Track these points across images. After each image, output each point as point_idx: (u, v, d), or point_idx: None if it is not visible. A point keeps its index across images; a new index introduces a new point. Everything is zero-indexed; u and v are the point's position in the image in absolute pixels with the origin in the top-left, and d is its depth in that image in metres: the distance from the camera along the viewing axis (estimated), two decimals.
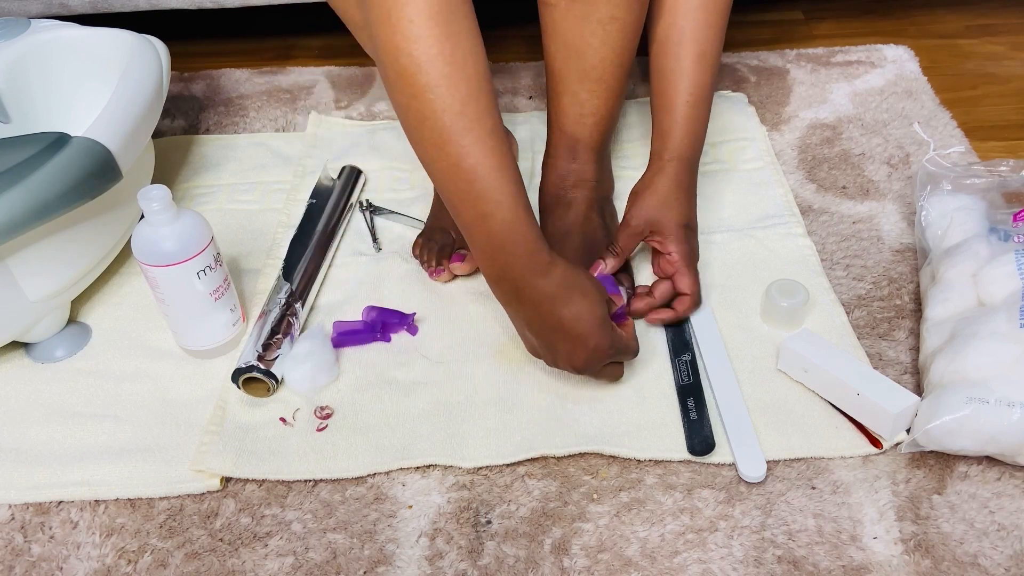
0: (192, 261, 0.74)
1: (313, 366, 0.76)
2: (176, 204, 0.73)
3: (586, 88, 0.82)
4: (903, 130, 1.06)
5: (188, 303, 0.76)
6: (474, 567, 0.64)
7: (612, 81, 0.81)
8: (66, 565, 0.66)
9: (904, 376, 0.76)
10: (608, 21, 0.77)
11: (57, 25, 0.95)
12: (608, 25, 0.77)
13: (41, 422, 0.76)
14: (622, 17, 0.76)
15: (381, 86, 1.22)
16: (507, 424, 0.73)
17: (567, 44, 0.79)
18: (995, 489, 0.67)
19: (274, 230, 0.96)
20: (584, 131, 0.85)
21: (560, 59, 0.81)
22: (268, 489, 0.70)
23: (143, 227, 0.73)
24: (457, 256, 0.86)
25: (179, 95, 1.22)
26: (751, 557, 0.63)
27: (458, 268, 0.86)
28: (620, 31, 0.77)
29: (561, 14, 0.78)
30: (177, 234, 0.73)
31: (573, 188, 0.88)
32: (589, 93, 0.82)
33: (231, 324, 0.81)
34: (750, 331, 0.81)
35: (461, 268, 0.86)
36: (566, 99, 0.84)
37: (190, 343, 0.80)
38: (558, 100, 0.85)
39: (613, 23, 0.77)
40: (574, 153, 0.87)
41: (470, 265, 0.86)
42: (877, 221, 0.93)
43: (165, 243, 0.72)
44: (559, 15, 0.78)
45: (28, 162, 0.71)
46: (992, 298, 0.72)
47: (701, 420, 0.72)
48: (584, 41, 0.78)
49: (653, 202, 0.79)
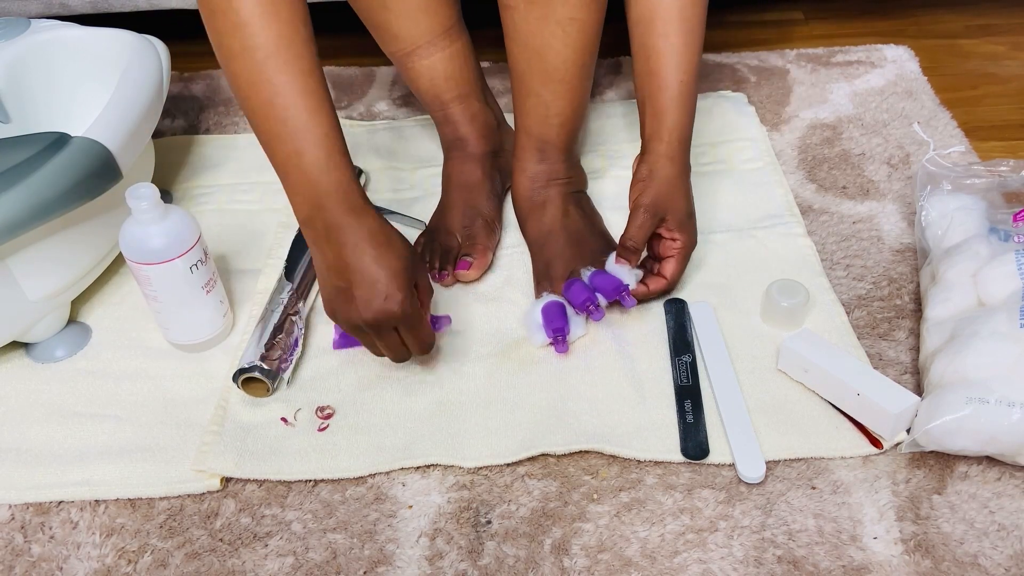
0: (185, 256, 0.74)
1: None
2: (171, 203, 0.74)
3: (549, 89, 0.81)
4: (903, 130, 1.06)
5: (182, 298, 0.76)
6: (474, 567, 0.64)
7: (575, 81, 0.81)
8: (66, 565, 0.66)
9: (904, 376, 0.76)
10: (567, 22, 0.76)
11: (57, 25, 0.95)
12: (567, 26, 0.77)
13: (41, 422, 0.76)
14: (581, 17, 0.76)
15: (381, 86, 1.22)
16: (508, 424, 0.73)
17: (528, 46, 0.79)
18: (995, 489, 0.67)
19: (274, 230, 0.96)
20: (551, 132, 0.85)
21: (522, 61, 0.81)
22: (268, 489, 0.70)
23: (131, 226, 0.73)
24: (463, 263, 0.86)
25: (179, 95, 1.22)
26: (751, 557, 0.63)
27: (464, 276, 0.86)
28: (580, 31, 0.77)
29: (521, 16, 0.77)
30: (167, 231, 0.73)
31: (545, 188, 0.88)
32: (553, 94, 0.82)
33: (221, 316, 0.81)
34: (750, 331, 0.81)
35: (467, 276, 0.86)
36: (531, 101, 0.83)
37: (183, 337, 0.80)
38: (523, 102, 0.84)
39: (572, 24, 0.77)
40: (543, 154, 0.87)
41: (476, 272, 0.86)
42: (877, 221, 0.93)
43: (157, 240, 0.73)
44: (519, 17, 0.78)
45: (28, 162, 0.71)
46: (992, 298, 0.72)
47: (697, 424, 0.72)
48: (544, 43, 0.78)
49: (661, 189, 0.79)
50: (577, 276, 0.81)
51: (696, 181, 0.83)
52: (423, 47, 0.88)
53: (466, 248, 0.87)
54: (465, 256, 0.87)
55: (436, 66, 0.89)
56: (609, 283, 0.79)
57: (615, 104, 1.14)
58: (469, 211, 0.90)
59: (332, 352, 0.81)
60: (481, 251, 0.87)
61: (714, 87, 1.16)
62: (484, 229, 0.89)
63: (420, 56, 0.88)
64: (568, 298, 0.79)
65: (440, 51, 0.88)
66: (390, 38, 0.88)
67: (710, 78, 1.18)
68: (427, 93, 0.93)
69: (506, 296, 0.86)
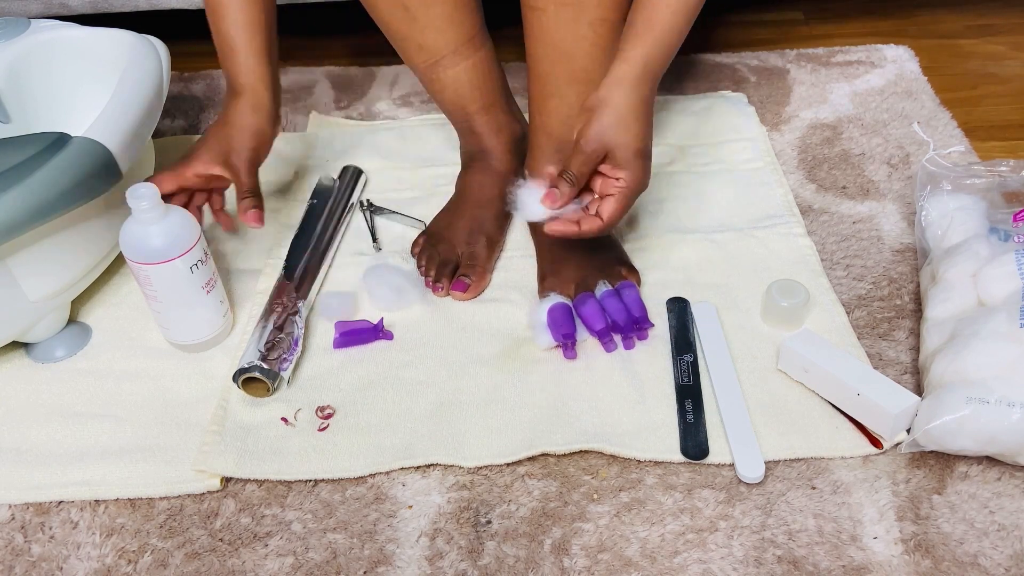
0: (186, 256, 0.74)
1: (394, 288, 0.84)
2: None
3: (575, 90, 0.81)
4: (903, 130, 1.06)
5: (183, 298, 0.76)
6: (474, 567, 0.64)
7: (599, 81, 0.81)
8: (66, 565, 0.66)
9: (904, 376, 0.76)
10: (599, 23, 0.76)
11: (57, 25, 0.95)
12: (599, 27, 0.76)
13: (41, 422, 0.76)
14: (612, 18, 0.76)
15: (381, 86, 1.22)
16: (508, 423, 0.73)
17: (556, 47, 0.79)
18: (995, 489, 0.67)
19: (274, 230, 0.96)
20: (572, 133, 0.85)
21: (547, 62, 0.80)
22: (268, 489, 0.70)
23: (132, 226, 0.73)
24: (460, 284, 0.86)
25: (179, 95, 1.22)
26: (751, 557, 0.63)
27: (458, 296, 0.86)
28: (610, 31, 0.77)
29: (550, 17, 0.77)
30: (167, 231, 0.73)
31: None
32: (578, 96, 0.80)
33: (221, 315, 0.81)
34: (750, 331, 0.81)
35: (461, 297, 0.86)
36: (553, 102, 0.83)
37: (184, 337, 0.80)
38: (544, 103, 0.84)
39: (604, 24, 0.76)
40: (561, 155, 0.86)
41: (472, 294, 0.86)
42: (877, 221, 0.93)
43: (158, 240, 0.73)
44: (547, 19, 0.77)
45: (28, 162, 0.71)
46: (992, 298, 0.72)
47: (697, 424, 0.72)
48: (575, 44, 0.78)
49: (609, 120, 0.70)
50: (590, 291, 0.81)
51: (696, 181, 0.83)
52: (448, 57, 0.87)
53: (465, 267, 0.87)
54: (463, 277, 0.86)
55: (461, 76, 0.89)
56: (622, 314, 0.79)
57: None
58: (475, 228, 0.90)
59: (332, 352, 0.81)
60: (480, 273, 0.87)
61: (714, 87, 1.16)
62: (486, 249, 0.89)
63: (445, 66, 0.88)
64: (580, 315, 0.79)
65: (465, 60, 0.88)
66: (415, 49, 0.87)
67: (710, 78, 1.18)
68: (452, 104, 0.92)
69: (505, 296, 0.86)
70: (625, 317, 0.78)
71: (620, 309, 0.79)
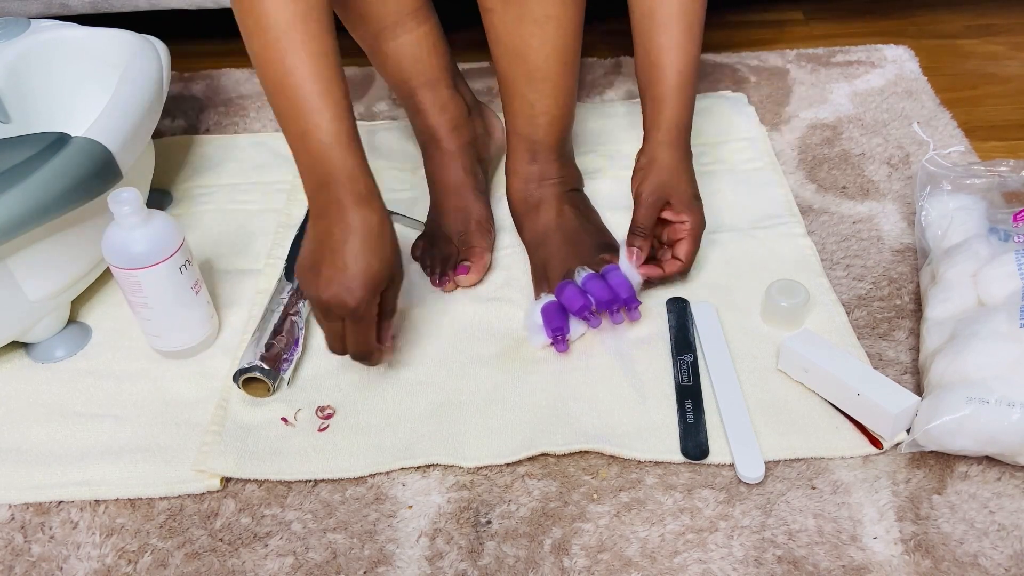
0: (175, 256, 0.74)
1: None
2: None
3: (534, 89, 0.82)
4: (903, 130, 1.06)
5: (173, 300, 0.76)
6: (474, 567, 0.64)
7: (558, 79, 0.81)
8: (66, 565, 0.66)
9: (904, 376, 0.76)
10: (544, 20, 0.77)
11: (57, 25, 0.95)
12: (544, 24, 0.77)
13: (41, 422, 0.76)
14: (557, 15, 0.77)
15: (381, 86, 1.22)
16: (508, 423, 0.73)
17: (508, 47, 0.80)
18: (995, 489, 0.67)
19: (274, 230, 0.96)
20: (539, 132, 0.85)
21: (505, 62, 0.81)
22: (268, 489, 0.70)
23: (116, 233, 0.73)
24: (462, 268, 0.86)
25: (179, 95, 1.22)
26: (751, 557, 0.63)
27: (463, 280, 0.86)
28: (557, 28, 0.78)
29: (499, 18, 0.78)
30: (152, 235, 0.73)
31: (539, 188, 0.88)
32: (538, 94, 0.82)
33: (209, 318, 0.81)
34: (750, 331, 0.81)
35: (466, 280, 0.86)
36: (516, 102, 0.84)
37: (175, 343, 0.80)
38: (509, 104, 0.85)
39: (549, 21, 0.77)
40: (533, 155, 0.87)
41: (476, 276, 0.86)
42: (877, 221, 0.93)
43: (145, 244, 0.73)
44: (497, 19, 0.78)
45: (28, 162, 0.71)
46: (992, 298, 0.72)
47: (697, 424, 0.72)
48: (523, 42, 0.78)
49: (663, 175, 0.80)
50: (570, 278, 0.81)
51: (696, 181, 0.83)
52: (389, 27, 0.86)
53: (464, 253, 0.88)
54: (463, 261, 0.87)
55: (403, 48, 0.88)
56: (604, 292, 0.78)
57: (615, 104, 1.14)
58: (460, 214, 0.90)
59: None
60: (478, 255, 0.87)
61: (714, 87, 1.16)
62: (478, 231, 0.89)
63: (386, 37, 0.87)
64: (562, 302, 0.79)
65: (407, 33, 0.87)
66: (357, 19, 0.86)
67: (710, 78, 1.18)
68: (395, 78, 0.91)
69: (505, 296, 0.86)
70: (609, 296, 0.79)
71: (602, 288, 0.79)
